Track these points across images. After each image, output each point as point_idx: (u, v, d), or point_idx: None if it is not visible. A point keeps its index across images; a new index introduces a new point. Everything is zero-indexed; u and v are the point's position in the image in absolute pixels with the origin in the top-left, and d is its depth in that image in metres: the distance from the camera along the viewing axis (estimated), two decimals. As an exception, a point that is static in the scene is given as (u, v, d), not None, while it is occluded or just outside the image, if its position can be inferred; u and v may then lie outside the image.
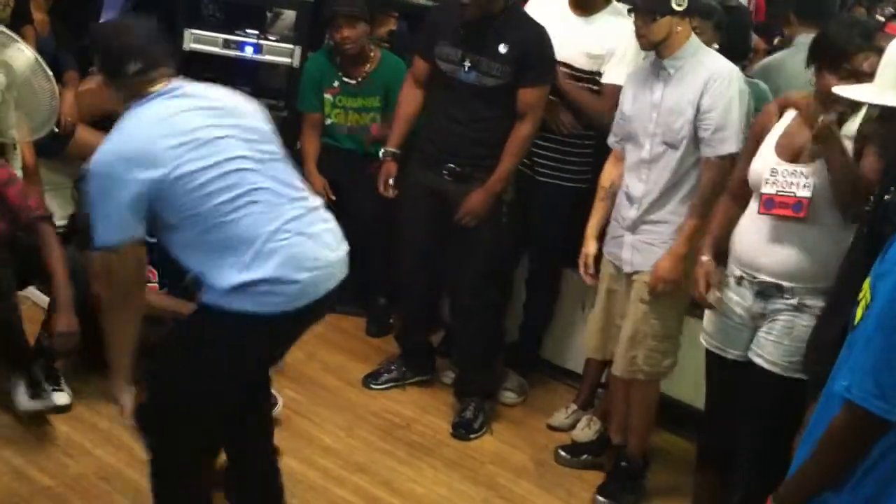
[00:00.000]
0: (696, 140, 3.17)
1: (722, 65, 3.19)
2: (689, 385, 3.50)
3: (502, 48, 3.46)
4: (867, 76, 2.48)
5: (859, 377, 1.81)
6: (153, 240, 3.65)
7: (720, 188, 3.07)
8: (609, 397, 3.66)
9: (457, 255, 3.69)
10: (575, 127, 3.74)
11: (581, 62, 3.69)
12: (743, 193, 2.89)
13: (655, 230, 3.27)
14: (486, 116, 3.54)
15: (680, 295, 3.22)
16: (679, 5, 3.09)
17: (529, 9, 3.79)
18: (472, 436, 3.73)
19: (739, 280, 2.86)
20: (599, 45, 3.66)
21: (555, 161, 3.80)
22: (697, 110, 3.14)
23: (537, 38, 3.52)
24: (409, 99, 3.78)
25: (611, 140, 3.44)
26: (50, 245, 3.26)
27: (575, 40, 3.67)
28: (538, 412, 3.96)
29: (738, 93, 3.13)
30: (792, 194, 2.71)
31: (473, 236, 3.61)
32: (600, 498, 3.43)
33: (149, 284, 3.60)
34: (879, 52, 2.60)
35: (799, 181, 2.71)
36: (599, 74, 3.69)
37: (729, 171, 3.05)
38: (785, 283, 2.76)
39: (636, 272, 3.31)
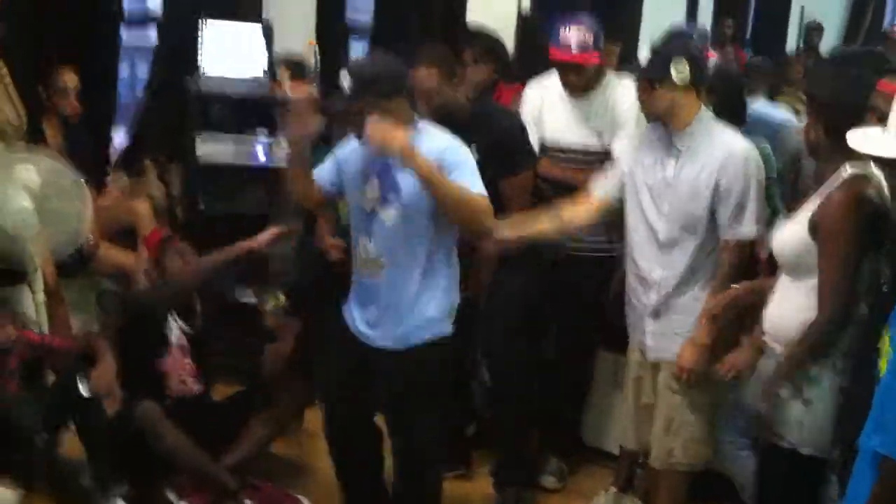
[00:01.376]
0: (713, 222, 3.08)
1: (737, 143, 3.09)
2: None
3: (473, 152, 3.39)
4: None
5: (893, 433, 1.78)
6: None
7: (740, 271, 3.03)
8: (648, 477, 3.60)
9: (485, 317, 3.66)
10: None
11: (593, 143, 3.71)
12: None
13: (678, 318, 3.16)
14: (499, 206, 3.52)
15: (712, 381, 3.13)
16: (679, 75, 3.00)
17: (528, 96, 3.85)
18: (513, 527, 3.68)
19: None
20: (606, 121, 3.67)
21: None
22: (714, 192, 3.04)
23: (501, 131, 3.51)
24: None
25: (598, 191, 3.31)
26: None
27: (582, 122, 3.70)
28: (579, 497, 3.88)
29: (755, 172, 3.06)
30: None
31: (495, 298, 3.59)
32: None
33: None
34: (873, 110, 2.60)
35: None
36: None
37: (748, 255, 3.01)
38: None
39: (661, 359, 3.23)
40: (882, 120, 2.50)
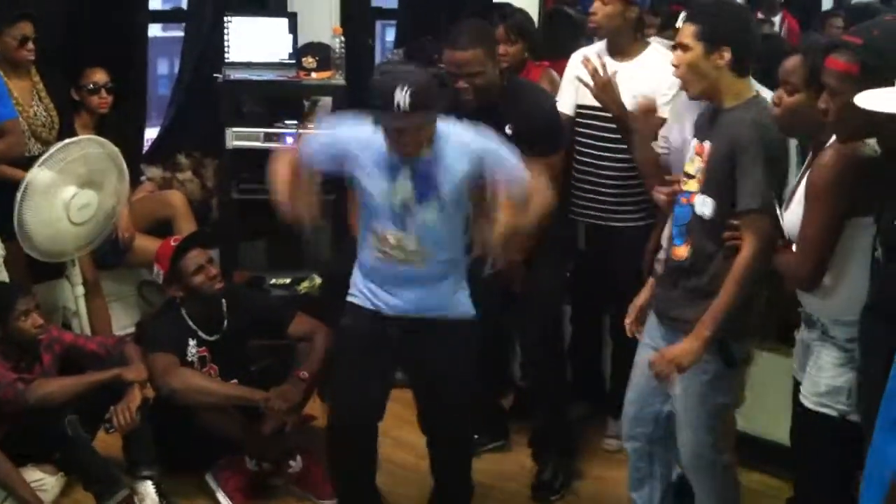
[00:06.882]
0: None
1: None
2: (766, 419, 3.47)
3: (508, 129, 3.37)
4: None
5: None
6: (212, 338, 3.75)
7: None
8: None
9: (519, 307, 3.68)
10: None
11: (632, 106, 3.67)
12: None
13: None
14: None
15: None
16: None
17: (572, 64, 3.82)
18: (553, 497, 3.69)
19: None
20: (646, 85, 3.61)
21: (618, 203, 3.75)
22: None
23: (537, 112, 3.50)
24: None
25: None
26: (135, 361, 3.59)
27: (621, 85, 3.63)
28: (624, 467, 3.88)
29: None
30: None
31: (529, 292, 3.58)
32: None
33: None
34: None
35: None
36: None
37: None
38: (813, 315, 2.67)
39: None
40: None
